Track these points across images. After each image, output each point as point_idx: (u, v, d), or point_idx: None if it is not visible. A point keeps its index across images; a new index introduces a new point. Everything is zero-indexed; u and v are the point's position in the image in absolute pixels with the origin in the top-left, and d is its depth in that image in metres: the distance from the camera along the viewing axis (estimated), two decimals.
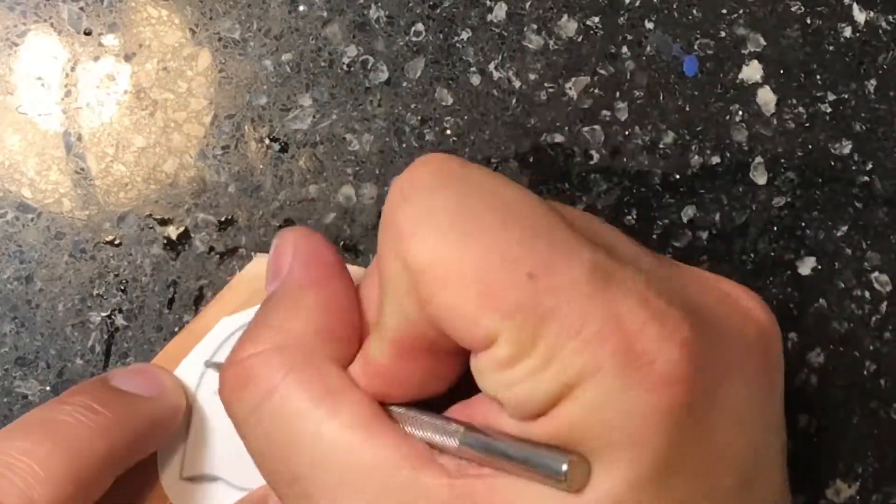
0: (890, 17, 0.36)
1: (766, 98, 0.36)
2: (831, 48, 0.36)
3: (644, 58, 0.36)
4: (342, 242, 0.35)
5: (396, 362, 0.26)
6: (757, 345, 0.26)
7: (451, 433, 0.25)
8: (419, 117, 0.35)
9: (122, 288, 0.35)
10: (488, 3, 0.36)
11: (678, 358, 0.23)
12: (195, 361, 0.33)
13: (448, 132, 0.35)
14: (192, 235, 0.35)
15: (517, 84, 0.36)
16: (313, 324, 0.27)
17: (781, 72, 0.36)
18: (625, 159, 0.36)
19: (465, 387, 0.27)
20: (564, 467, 0.22)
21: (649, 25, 0.36)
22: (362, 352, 0.27)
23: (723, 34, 0.36)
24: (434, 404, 0.27)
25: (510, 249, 0.23)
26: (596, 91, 0.36)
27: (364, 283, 0.28)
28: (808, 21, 0.36)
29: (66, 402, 0.29)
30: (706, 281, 0.27)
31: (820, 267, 0.36)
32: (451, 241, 0.24)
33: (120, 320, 0.34)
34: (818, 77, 0.36)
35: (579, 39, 0.36)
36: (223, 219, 0.35)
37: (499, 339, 0.23)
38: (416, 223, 0.24)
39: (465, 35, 0.36)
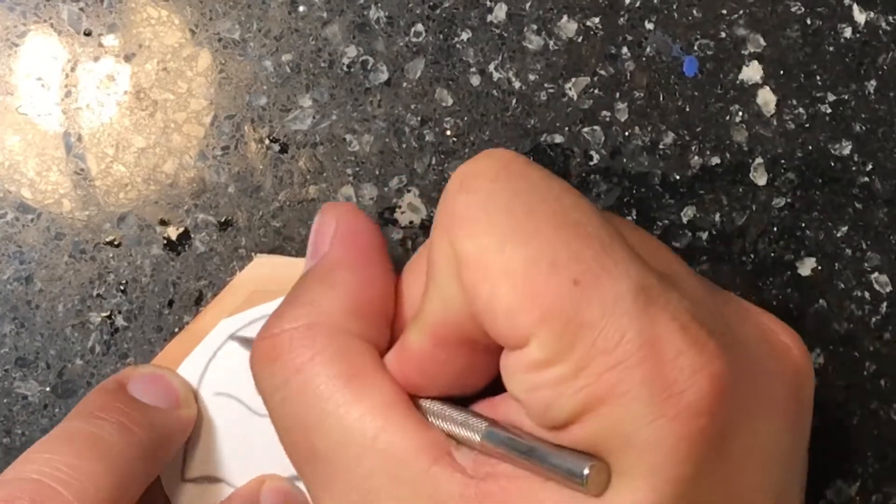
0: (890, 18, 0.36)
1: (766, 99, 0.36)
2: (831, 49, 0.36)
3: (644, 58, 0.36)
4: None
5: (433, 351, 0.26)
6: (790, 382, 0.26)
7: (473, 427, 0.25)
8: (419, 118, 0.35)
9: (122, 288, 0.35)
10: (488, 3, 0.36)
11: (708, 390, 0.22)
12: (195, 362, 0.33)
13: (448, 133, 0.35)
14: (192, 236, 0.35)
15: (517, 85, 0.36)
16: (347, 303, 0.27)
17: (781, 72, 0.36)
18: (625, 160, 0.36)
19: (493, 388, 0.27)
20: (586, 470, 0.22)
21: (649, 26, 0.36)
22: (400, 340, 0.27)
23: (723, 35, 0.36)
24: (460, 401, 0.27)
25: (559, 253, 0.23)
26: (596, 92, 0.36)
27: (405, 275, 0.28)
28: (808, 21, 0.36)
29: (100, 417, 0.29)
30: (748, 314, 0.26)
31: (820, 267, 0.36)
32: (503, 234, 0.23)
33: (120, 321, 0.34)
34: (818, 78, 0.36)
35: (579, 40, 0.36)
36: (223, 219, 0.35)
37: (533, 340, 0.23)
38: (472, 212, 0.24)
39: (465, 36, 0.36)
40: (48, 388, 0.34)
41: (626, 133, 0.36)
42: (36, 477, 0.27)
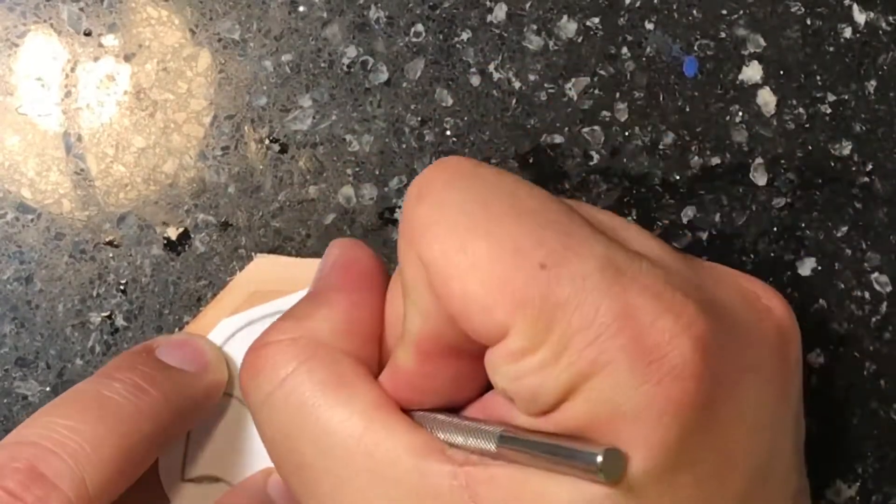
0: (890, 18, 0.36)
1: (766, 99, 0.36)
2: (831, 49, 0.36)
3: (644, 58, 0.36)
4: None
5: (422, 367, 0.26)
6: (775, 344, 0.26)
7: (486, 435, 0.24)
8: (419, 118, 0.35)
9: (122, 289, 0.35)
10: (488, 3, 0.36)
11: (691, 352, 0.22)
12: None
13: (448, 133, 0.35)
14: (192, 236, 0.35)
15: (517, 85, 0.36)
16: (335, 321, 0.28)
17: (781, 73, 0.36)
18: (624, 160, 0.36)
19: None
20: (599, 458, 0.22)
21: (649, 26, 0.36)
22: (390, 362, 0.27)
23: (723, 35, 0.36)
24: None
25: (522, 241, 0.23)
26: (596, 92, 0.36)
27: (388, 304, 0.29)
28: (808, 21, 0.36)
29: (114, 377, 0.29)
30: (727, 277, 0.26)
31: (820, 267, 0.36)
32: (463, 232, 0.24)
33: (120, 321, 0.34)
34: (818, 78, 0.36)
35: (579, 40, 0.36)
36: (223, 219, 0.35)
37: (511, 330, 0.23)
38: (430, 219, 0.24)
39: (464, 36, 0.36)
40: (48, 388, 0.34)
41: (626, 133, 0.36)
42: (35, 440, 0.27)
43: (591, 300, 0.22)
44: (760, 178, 0.36)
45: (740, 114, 0.36)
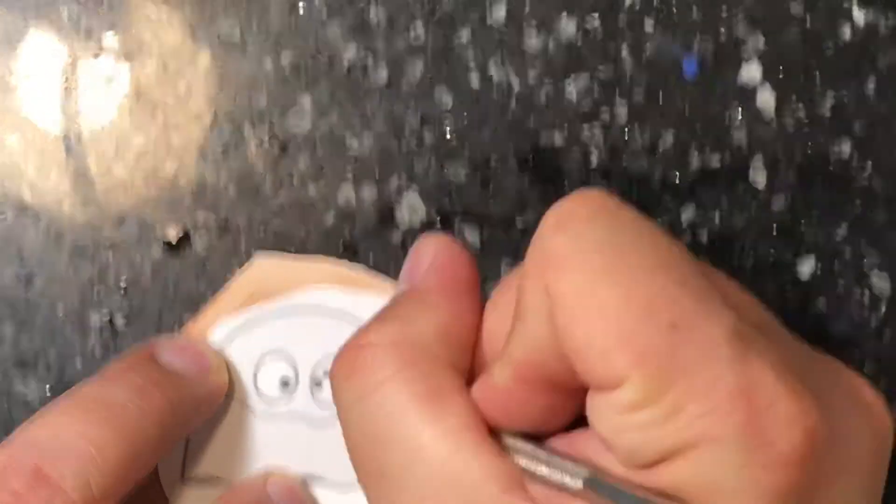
0: (890, 18, 0.36)
1: (766, 99, 0.36)
2: (831, 49, 0.36)
3: (644, 59, 0.36)
4: (342, 243, 0.35)
5: (517, 389, 0.25)
6: (873, 445, 0.25)
7: (573, 473, 0.24)
8: (419, 118, 0.35)
9: (122, 289, 0.35)
10: (488, 3, 0.36)
11: (800, 442, 0.22)
12: None
13: (448, 133, 0.35)
14: (192, 236, 0.35)
15: (517, 85, 0.36)
16: (439, 327, 0.27)
17: (781, 73, 0.36)
18: (624, 160, 0.36)
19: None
20: None
21: (649, 26, 0.36)
22: (484, 375, 0.26)
23: (723, 35, 0.36)
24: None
25: (656, 295, 0.23)
26: (596, 92, 0.36)
27: (488, 311, 0.28)
28: (809, 22, 0.36)
29: (118, 380, 0.29)
30: (839, 371, 0.26)
31: (820, 267, 0.36)
32: (599, 276, 0.23)
33: (120, 321, 0.34)
34: (818, 78, 0.36)
35: (579, 40, 0.36)
36: (223, 220, 0.35)
37: (627, 381, 0.23)
38: (567, 253, 0.24)
39: (464, 36, 0.36)
40: (48, 389, 0.34)
41: (626, 133, 0.36)
42: (40, 441, 0.27)
43: (715, 369, 0.22)
44: (760, 179, 0.36)
45: (740, 114, 0.36)
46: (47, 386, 0.34)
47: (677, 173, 0.36)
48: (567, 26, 0.36)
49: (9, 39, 0.35)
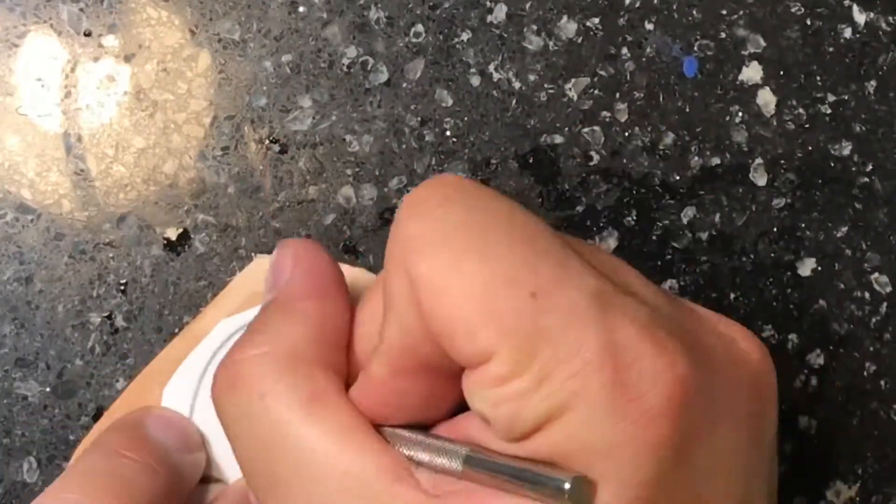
0: (890, 19, 0.36)
1: (766, 99, 0.36)
2: (831, 49, 0.36)
3: (644, 59, 0.36)
4: (342, 244, 0.35)
5: (395, 379, 0.26)
6: (750, 389, 0.26)
7: (452, 454, 0.24)
8: (419, 118, 0.35)
9: (122, 289, 0.35)
10: (488, 4, 0.36)
11: (669, 394, 0.22)
12: (195, 363, 0.33)
13: (448, 133, 0.35)
14: (192, 236, 0.35)
15: (517, 85, 0.36)
16: (309, 332, 0.27)
17: (781, 73, 0.36)
18: (624, 160, 0.36)
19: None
20: (567, 485, 0.22)
21: (649, 26, 0.36)
22: (362, 372, 0.27)
23: (723, 35, 0.36)
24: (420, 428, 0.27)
25: (515, 268, 0.23)
26: (596, 92, 0.36)
27: (360, 309, 0.29)
28: (808, 22, 0.36)
29: (124, 455, 0.29)
30: (708, 321, 0.26)
31: (820, 268, 0.36)
32: (457, 255, 0.24)
33: (120, 321, 0.34)
34: (818, 78, 0.36)
35: (579, 40, 0.36)
36: (223, 220, 0.35)
37: (494, 355, 0.23)
38: (424, 236, 0.24)
39: (464, 36, 0.36)
40: (48, 389, 0.34)
41: (626, 133, 0.36)
42: None
43: (577, 333, 0.22)
44: (760, 179, 0.36)
45: (740, 114, 0.36)
46: (47, 386, 0.34)
47: (677, 174, 0.36)
48: (567, 26, 0.36)
49: (9, 40, 0.35)
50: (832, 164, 0.36)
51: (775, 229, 0.36)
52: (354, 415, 0.26)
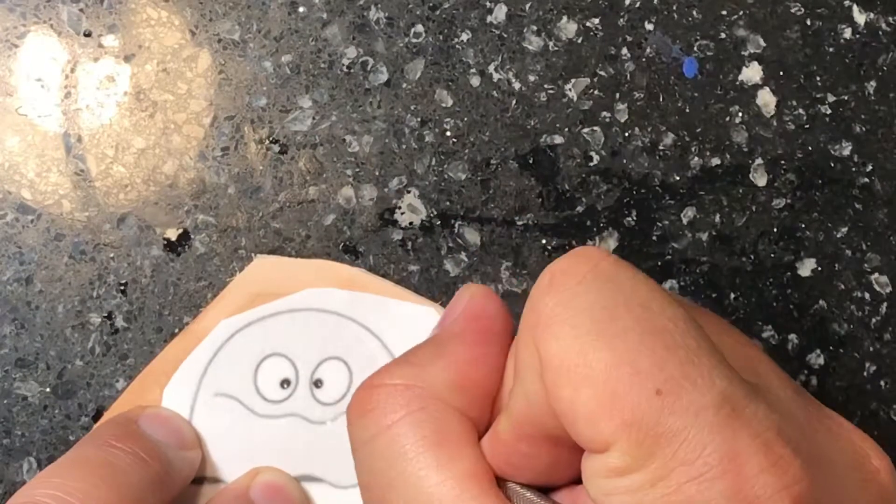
0: (890, 19, 0.36)
1: (766, 99, 0.36)
2: (831, 50, 0.36)
3: (644, 59, 0.36)
4: (342, 244, 0.35)
5: (518, 443, 0.26)
6: None
7: None
8: (419, 119, 0.35)
9: (122, 289, 0.35)
10: (488, 4, 0.36)
11: None
12: (195, 363, 0.33)
13: (448, 133, 0.35)
14: (192, 237, 0.35)
15: (517, 85, 0.36)
16: (452, 375, 0.27)
17: (781, 73, 0.36)
18: (624, 161, 0.36)
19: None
20: None
21: (649, 27, 0.36)
22: (492, 427, 0.27)
23: (723, 35, 0.36)
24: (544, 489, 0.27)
25: (642, 361, 0.23)
26: (596, 92, 0.36)
27: (508, 359, 0.28)
28: (808, 22, 0.36)
29: (115, 446, 0.30)
30: (841, 431, 0.26)
31: (820, 268, 0.36)
32: (586, 339, 0.23)
33: (120, 322, 0.34)
34: (818, 78, 0.36)
35: (579, 41, 0.36)
36: (223, 220, 0.35)
37: (613, 446, 0.23)
38: (557, 314, 0.24)
39: (464, 36, 0.36)
40: (48, 389, 0.34)
41: (626, 134, 0.36)
42: (48, 501, 0.27)
43: (700, 437, 0.22)
44: (760, 179, 0.36)
45: (740, 114, 0.36)
46: (47, 386, 0.34)
47: (677, 174, 0.36)
48: (567, 27, 0.36)
49: (9, 40, 0.35)
50: (832, 165, 0.36)
51: (775, 230, 0.36)
52: (479, 465, 0.26)
